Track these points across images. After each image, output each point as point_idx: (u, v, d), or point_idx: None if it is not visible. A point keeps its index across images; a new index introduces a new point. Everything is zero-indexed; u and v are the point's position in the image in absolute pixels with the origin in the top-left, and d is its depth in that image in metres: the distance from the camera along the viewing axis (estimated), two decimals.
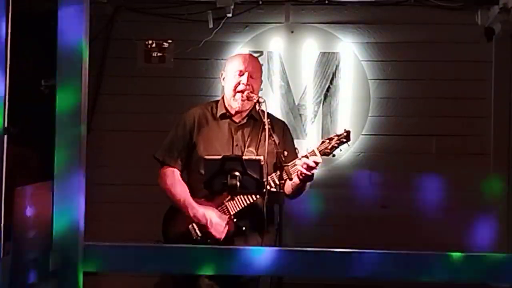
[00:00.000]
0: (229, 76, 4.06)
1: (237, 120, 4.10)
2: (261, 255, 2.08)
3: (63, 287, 2.13)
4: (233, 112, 4.09)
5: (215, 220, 3.95)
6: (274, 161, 3.86)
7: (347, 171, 5.52)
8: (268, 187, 3.86)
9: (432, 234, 5.20)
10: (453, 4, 5.23)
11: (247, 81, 3.98)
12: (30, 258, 2.38)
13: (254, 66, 4.08)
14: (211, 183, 3.81)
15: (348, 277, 2.16)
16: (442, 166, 5.43)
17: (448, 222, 5.29)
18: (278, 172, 3.83)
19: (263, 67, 5.41)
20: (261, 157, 3.78)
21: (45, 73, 4.65)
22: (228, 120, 4.11)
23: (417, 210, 5.38)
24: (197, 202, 4.00)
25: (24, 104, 4.38)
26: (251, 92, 3.97)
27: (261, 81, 4.25)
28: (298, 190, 3.99)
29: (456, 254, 2.12)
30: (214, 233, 3.96)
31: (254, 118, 4.07)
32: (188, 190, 4.06)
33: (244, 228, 4.00)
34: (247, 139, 4.08)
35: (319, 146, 3.98)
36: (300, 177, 3.88)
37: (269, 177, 3.88)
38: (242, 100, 3.99)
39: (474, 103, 5.47)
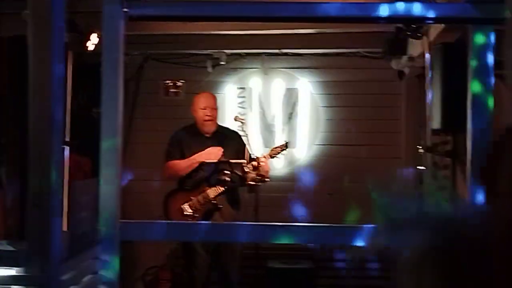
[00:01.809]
0: (197, 110, 4.21)
1: (207, 135, 4.20)
2: (240, 228, 2.10)
3: (107, 251, 2.14)
4: (203, 131, 4.22)
5: (207, 151, 4.06)
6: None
7: (305, 169, 5.52)
8: (248, 180, 3.90)
9: (364, 211, 5.22)
10: (376, 55, 5.25)
11: (210, 112, 4.16)
12: (83, 231, 2.40)
13: (210, 102, 4.24)
14: (209, 179, 3.83)
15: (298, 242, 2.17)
16: (369, 166, 5.41)
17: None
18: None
19: (245, 99, 5.51)
20: (244, 160, 3.80)
21: (95, 103, 4.65)
22: (201, 135, 4.20)
23: (354, 196, 5.38)
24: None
25: (80, 124, 4.40)
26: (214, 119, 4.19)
27: (217, 107, 4.33)
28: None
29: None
30: (209, 157, 4.03)
31: (217, 134, 4.21)
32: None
33: (220, 206, 4.01)
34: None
35: (270, 151, 4.15)
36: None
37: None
38: (209, 125, 4.18)
39: (391, 122, 5.49)
